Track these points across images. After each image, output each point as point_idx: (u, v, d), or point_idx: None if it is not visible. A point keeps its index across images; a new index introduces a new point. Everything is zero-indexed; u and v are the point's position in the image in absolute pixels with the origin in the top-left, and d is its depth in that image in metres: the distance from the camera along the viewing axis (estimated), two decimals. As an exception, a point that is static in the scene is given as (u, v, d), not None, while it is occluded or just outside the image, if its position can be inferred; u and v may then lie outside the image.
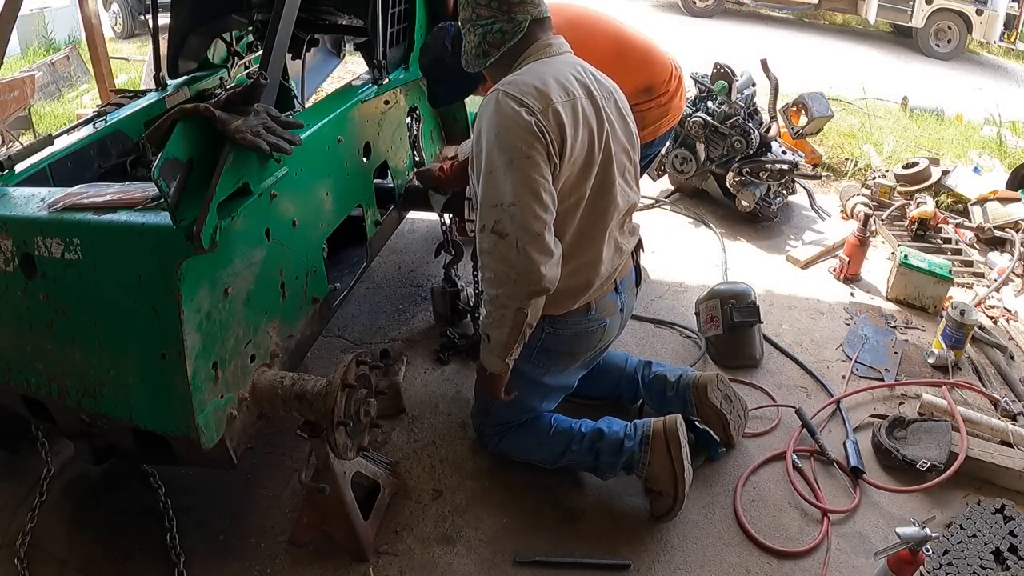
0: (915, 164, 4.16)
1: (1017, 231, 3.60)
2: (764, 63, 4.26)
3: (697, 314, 2.83)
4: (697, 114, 3.73)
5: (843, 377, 2.65)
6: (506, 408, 2.05)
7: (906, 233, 3.70)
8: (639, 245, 2.07)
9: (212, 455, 1.64)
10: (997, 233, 3.67)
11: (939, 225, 3.72)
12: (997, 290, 3.25)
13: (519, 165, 1.57)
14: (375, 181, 2.56)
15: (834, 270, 3.39)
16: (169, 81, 2.75)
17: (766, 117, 4.06)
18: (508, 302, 1.62)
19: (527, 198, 1.57)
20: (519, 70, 1.73)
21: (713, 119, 3.69)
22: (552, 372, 1.99)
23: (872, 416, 2.44)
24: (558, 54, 1.80)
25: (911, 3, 8.91)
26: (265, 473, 2.15)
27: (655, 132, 2.75)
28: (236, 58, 3.04)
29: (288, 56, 2.83)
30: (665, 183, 4.20)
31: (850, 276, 3.33)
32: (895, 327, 2.97)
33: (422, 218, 3.66)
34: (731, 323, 2.65)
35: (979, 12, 8.61)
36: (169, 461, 1.85)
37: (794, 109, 4.51)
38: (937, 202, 3.97)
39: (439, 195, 2.57)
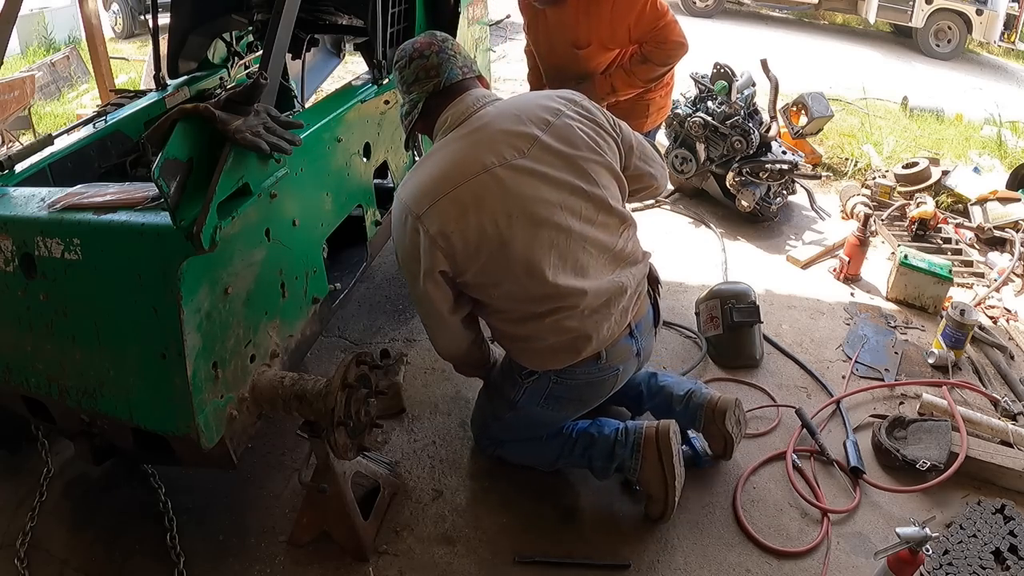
0: (915, 164, 4.16)
1: (1017, 231, 3.60)
2: (764, 63, 4.25)
3: (697, 314, 2.83)
4: (697, 114, 3.73)
5: (843, 377, 2.65)
6: (505, 431, 2.07)
7: (906, 233, 3.70)
8: (656, 283, 1.99)
9: (212, 455, 1.64)
10: (997, 233, 3.67)
11: (939, 225, 3.72)
12: (997, 290, 3.25)
13: (413, 283, 1.74)
14: (375, 181, 2.56)
15: (834, 270, 3.39)
16: (169, 81, 2.75)
17: (766, 117, 4.05)
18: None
19: (424, 306, 1.79)
20: (422, 158, 1.77)
21: (713, 119, 3.69)
22: (561, 414, 1.98)
23: (872, 416, 2.44)
24: (461, 122, 1.71)
25: (911, 3, 8.90)
26: (265, 473, 2.15)
27: (652, 123, 2.80)
28: (236, 58, 3.04)
29: (288, 56, 2.83)
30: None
31: (850, 276, 3.33)
32: (895, 327, 2.97)
33: (422, 218, 3.66)
34: (731, 323, 2.65)
35: (979, 12, 8.61)
36: (169, 461, 1.86)
37: (794, 109, 4.51)
38: (937, 202, 3.97)
39: None
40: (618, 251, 1.79)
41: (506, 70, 6.84)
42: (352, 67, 5.48)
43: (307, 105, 3.21)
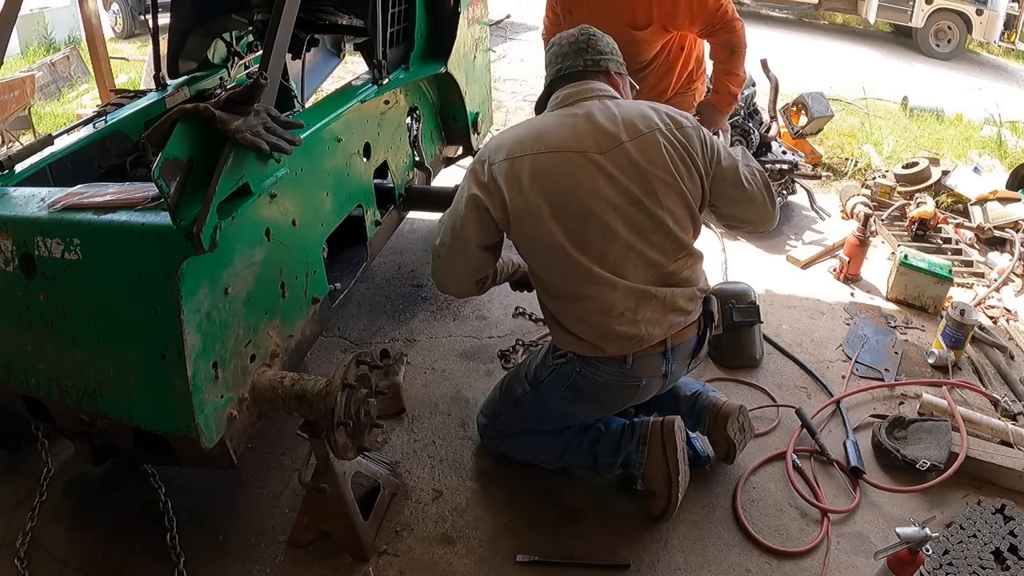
0: (915, 164, 4.16)
1: (1017, 231, 3.60)
2: (764, 63, 4.26)
3: None
4: (697, 114, 3.73)
5: (843, 377, 2.65)
6: (516, 420, 2.06)
7: (906, 233, 3.70)
8: (711, 320, 1.95)
9: (212, 455, 1.64)
10: (997, 233, 3.67)
11: (939, 225, 3.72)
12: (997, 290, 3.25)
13: (455, 205, 1.83)
14: (375, 181, 2.56)
15: (834, 270, 3.39)
16: (169, 81, 2.75)
17: (766, 117, 4.06)
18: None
19: (447, 230, 1.84)
20: (520, 122, 1.94)
21: (713, 119, 3.69)
22: (577, 410, 1.97)
23: (872, 416, 2.44)
24: (568, 103, 1.83)
25: (911, 3, 8.91)
26: (265, 473, 2.15)
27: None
28: (236, 58, 3.04)
29: (288, 56, 2.83)
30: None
31: (850, 276, 3.33)
32: (895, 327, 2.97)
33: (422, 218, 3.66)
34: (731, 323, 2.65)
35: (979, 12, 8.62)
36: (169, 461, 1.86)
37: (794, 109, 4.51)
38: (937, 202, 3.98)
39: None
40: (668, 272, 1.80)
41: (506, 70, 6.85)
42: (352, 67, 5.48)
43: (307, 105, 3.21)
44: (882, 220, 3.79)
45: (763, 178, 1.95)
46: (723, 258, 3.46)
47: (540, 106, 1.95)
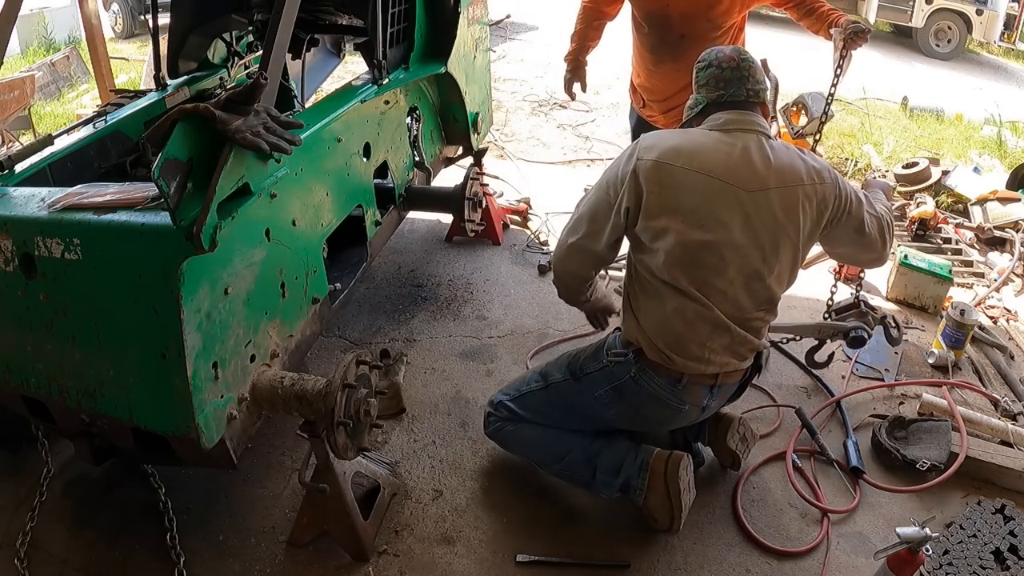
0: (915, 164, 4.16)
1: (1017, 231, 3.60)
2: (764, 63, 4.24)
3: None
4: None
5: (843, 377, 2.65)
6: (539, 404, 2.02)
7: (906, 233, 3.70)
8: (758, 369, 2.00)
9: (212, 455, 1.64)
10: (997, 233, 3.68)
11: (939, 225, 3.73)
12: (997, 290, 3.25)
13: (595, 193, 1.85)
14: (375, 181, 2.56)
15: (834, 270, 3.38)
16: (169, 81, 2.75)
17: (766, 117, 4.06)
18: (554, 273, 2.02)
19: (585, 214, 1.86)
20: (678, 129, 1.93)
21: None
22: (608, 414, 1.94)
23: (872, 416, 2.44)
24: (727, 130, 1.79)
25: (911, 3, 8.91)
26: (265, 473, 2.15)
27: None
28: (236, 58, 3.04)
29: (288, 56, 2.83)
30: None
31: (850, 276, 3.33)
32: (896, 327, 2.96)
33: (422, 218, 3.67)
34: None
35: (979, 12, 8.61)
36: (169, 461, 1.86)
37: (794, 109, 4.51)
38: (937, 202, 3.98)
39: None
40: (747, 319, 1.81)
41: (506, 70, 6.84)
42: (352, 67, 5.48)
43: (307, 105, 3.21)
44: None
45: (885, 222, 1.95)
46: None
47: (695, 123, 1.91)
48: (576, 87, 3.09)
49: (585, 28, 2.97)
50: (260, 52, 2.85)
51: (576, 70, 3.07)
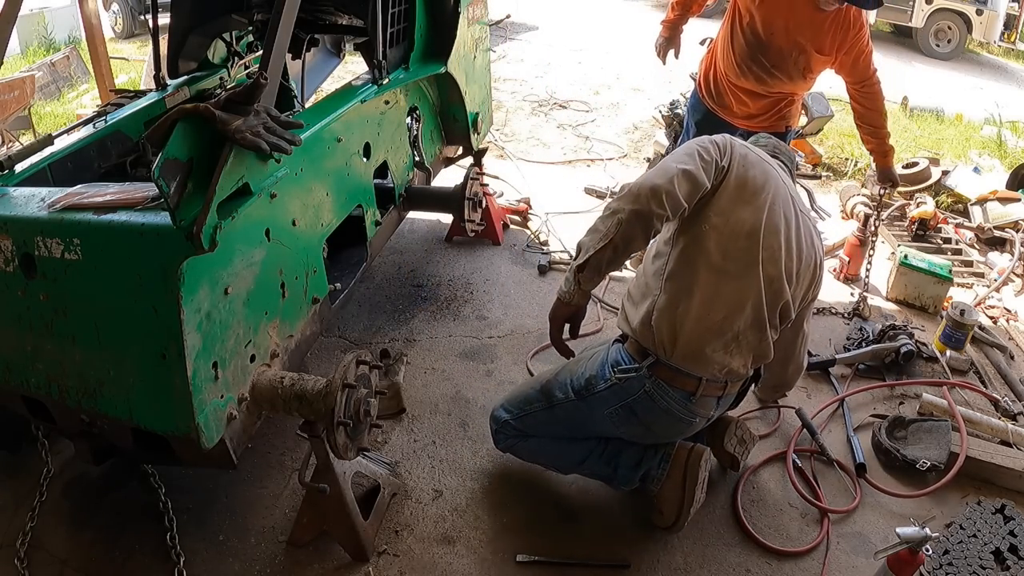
0: (915, 164, 4.16)
1: (1017, 231, 3.60)
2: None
3: None
4: (697, 114, 3.73)
5: (843, 377, 2.65)
6: (545, 423, 1.98)
7: (906, 233, 3.70)
8: (757, 377, 2.06)
9: (212, 455, 1.64)
10: (997, 233, 3.68)
11: (939, 225, 3.73)
12: (997, 290, 3.25)
13: (691, 145, 1.78)
14: (375, 181, 2.56)
15: (834, 270, 3.39)
16: (169, 81, 2.75)
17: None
18: (616, 204, 1.70)
19: (683, 150, 1.77)
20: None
21: (713, 119, 3.69)
22: (617, 431, 1.91)
23: (872, 416, 2.44)
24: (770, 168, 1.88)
25: (911, 3, 8.91)
26: (265, 473, 2.15)
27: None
28: (236, 58, 3.04)
29: (288, 56, 2.83)
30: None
31: (850, 276, 3.33)
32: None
33: (422, 218, 3.67)
34: None
35: (979, 12, 8.62)
36: (169, 461, 1.86)
37: (794, 109, 4.51)
38: (937, 202, 3.98)
39: None
40: (756, 347, 1.83)
41: (506, 70, 6.84)
42: (352, 67, 5.49)
43: (307, 105, 3.21)
44: (882, 220, 3.79)
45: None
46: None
47: None
48: (670, 54, 3.14)
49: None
50: (260, 52, 2.85)
51: (672, 38, 3.09)
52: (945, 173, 4.18)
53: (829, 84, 6.07)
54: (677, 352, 1.75)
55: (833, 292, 3.23)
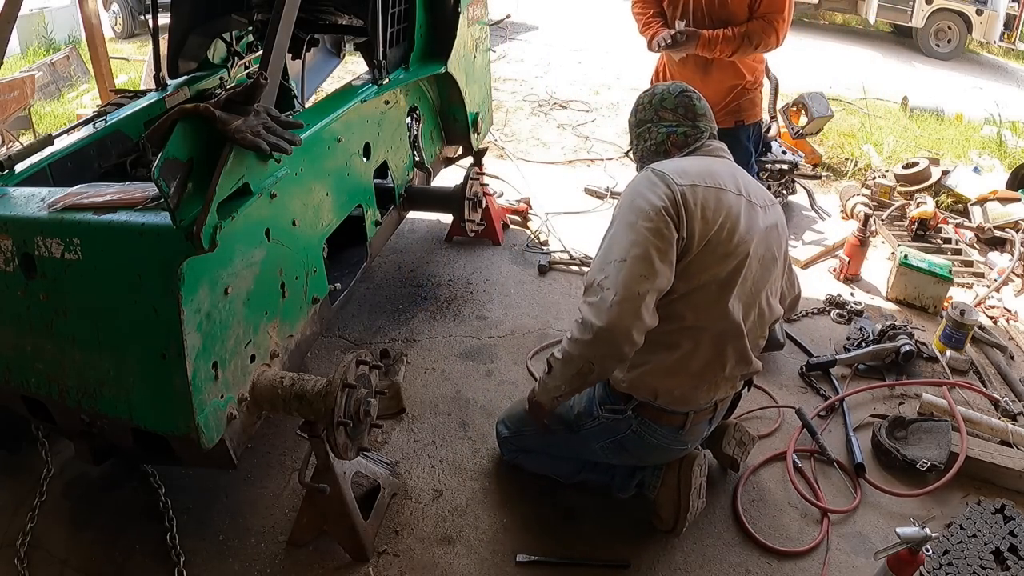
0: (915, 164, 4.16)
1: (1017, 231, 3.60)
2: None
3: None
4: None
5: (843, 377, 2.65)
6: (540, 444, 2.03)
7: (906, 233, 3.70)
8: (750, 385, 2.00)
9: (212, 455, 1.64)
10: (997, 233, 3.67)
11: (939, 225, 3.72)
12: (997, 290, 3.25)
13: (640, 228, 1.58)
14: (375, 181, 2.56)
15: (834, 270, 3.39)
16: (169, 81, 2.75)
17: (766, 117, 4.05)
18: (583, 351, 1.59)
19: (639, 258, 1.56)
20: (672, 158, 1.81)
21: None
22: (611, 459, 1.94)
23: (872, 416, 2.44)
24: (719, 156, 1.82)
25: (911, 3, 8.91)
26: (265, 473, 2.15)
27: (756, 116, 2.93)
28: (236, 58, 3.04)
29: (288, 56, 2.83)
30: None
31: (850, 276, 3.33)
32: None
33: (422, 218, 3.67)
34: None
35: (979, 12, 8.61)
36: (169, 461, 1.86)
37: (794, 109, 4.51)
38: (937, 202, 3.98)
39: None
40: (755, 341, 1.81)
41: (506, 70, 6.84)
42: (352, 67, 5.48)
43: (307, 105, 3.21)
44: (882, 220, 3.79)
45: None
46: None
47: (645, 158, 1.87)
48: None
49: (645, 21, 2.91)
50: (260, 52, 2.85)
51: (656, 34, 2.86)
52: (945, 173, 4.18)
53: (829, 84, 6.10)
54: (660, 400, 1.75)
55: (833, 292, 3.23)
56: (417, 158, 2.93)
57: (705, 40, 2.67)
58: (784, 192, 3.87)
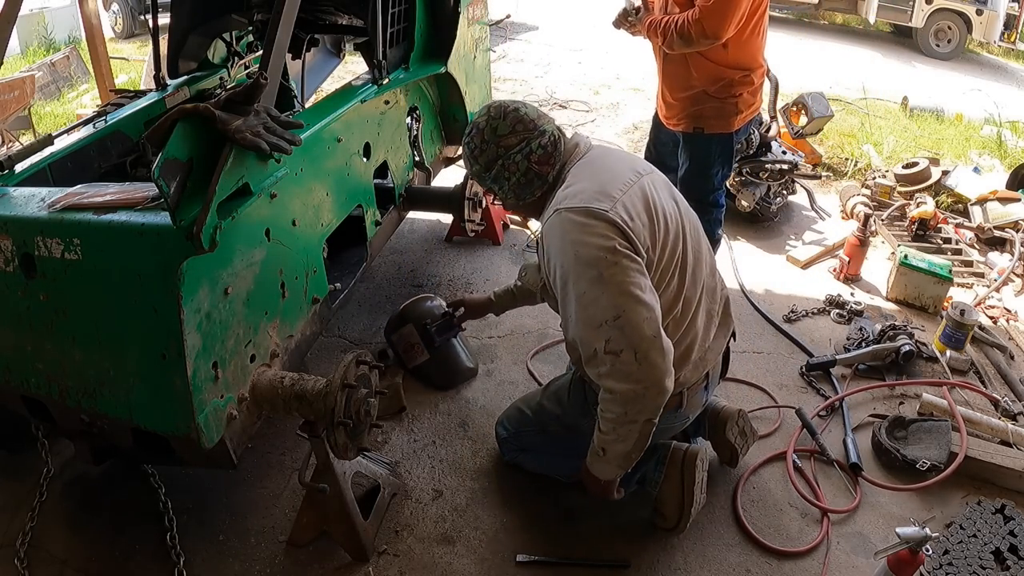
0: (915, 164, 4.16)
1: (1017, 231, 3.60)
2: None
3: (389, 347, 2.60)
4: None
5: (843, 377, 2.65)
6: (539, 444, 2.03)
7: (906, 233, 3.70)
8: (733, 336, 1.96)
9: (212, 455, 1.64)
10: (997, 233, 3.67)
11: (939, 225, 3.72)
12: (997, 290, 3.25)
13: (609, 276, 1.49)
14: (375, 181, 2.56)
15: (834, 270, 3.39)
16: (169, 81, 2.75)
17: (766, 117, 4.06)
18: (637, 416, 1.52)
19: (630, 304, 1.48)
20: (563, 184, 1.66)
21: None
22: None
23: (872, 416, 2.44)
24: (588, 149, 1.74)
25: (911, 3, 8.90)
26: (265, 473, 2.15)
27: (741, 122, 2.64)
28: (236, 58, 3.04)
29: (288, 56, 2.83)
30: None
31: (850, 276, 3.33)
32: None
33: (422, 218, 3.67)
34: (436, 344, 2.48)
35: (979, 12, 8.60)
36: (169, 461, 1.86)
37: (794, 109, 4.51)
38: (937, 202, 3.97)
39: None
40: (711, 299, 1.82)
41: (506, 70, 6.84)
42: (352, 67, 5.48)
43: (307, 105, 3.21)
44: (882, 220, 3.79)
45: None
46: (731, 256, 3.46)
47: (521, 194, 1.73)
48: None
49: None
50: (260, 52, 2.85)
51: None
52: (945, 173, 4.18)
53: (829, 84, 6.10)
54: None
55: (833, 292, 3.23)
56: (417, 158, 2.93)
57: (649, 25, 2.51)
58: (784, 192, 3.87)
